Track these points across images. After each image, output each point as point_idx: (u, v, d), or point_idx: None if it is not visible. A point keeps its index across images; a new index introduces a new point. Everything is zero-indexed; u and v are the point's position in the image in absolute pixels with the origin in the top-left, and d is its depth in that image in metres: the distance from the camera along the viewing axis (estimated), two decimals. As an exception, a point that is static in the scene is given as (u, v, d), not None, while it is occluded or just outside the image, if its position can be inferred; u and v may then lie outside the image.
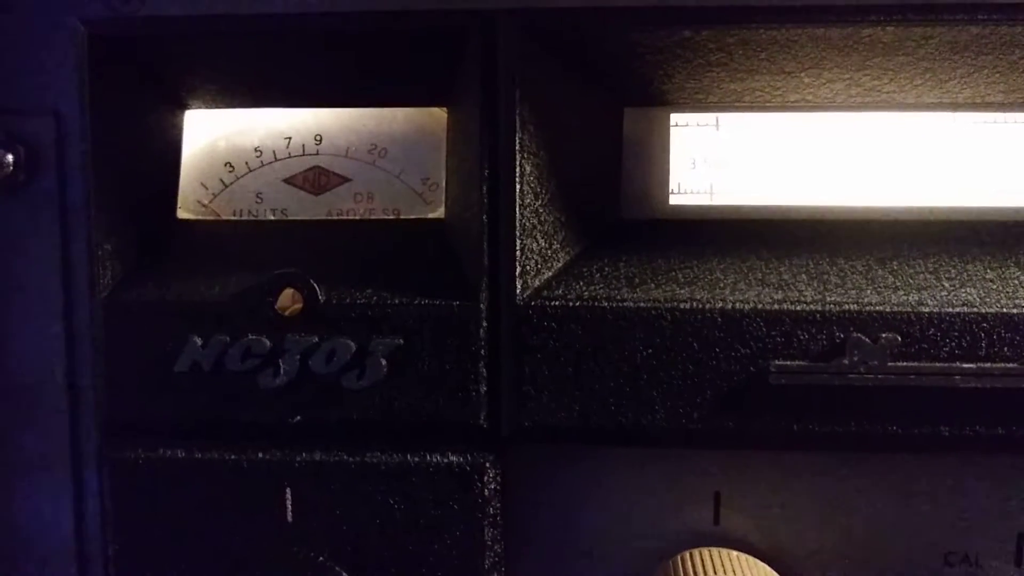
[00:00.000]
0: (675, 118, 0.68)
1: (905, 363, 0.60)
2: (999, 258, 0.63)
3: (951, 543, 0.64)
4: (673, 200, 0.68)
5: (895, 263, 0.63)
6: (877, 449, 0.62)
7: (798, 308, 0.61)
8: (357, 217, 0.70)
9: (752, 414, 0.61)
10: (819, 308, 0.61)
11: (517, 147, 0.62)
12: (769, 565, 0.64)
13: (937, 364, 0.60)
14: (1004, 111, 0.66)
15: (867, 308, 0.60)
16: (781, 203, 0.66)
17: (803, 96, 0.66)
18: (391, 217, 0.70)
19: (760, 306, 0.61)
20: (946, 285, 0.61)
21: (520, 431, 0.63)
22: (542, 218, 0.64)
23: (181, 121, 0.71)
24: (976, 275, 0.62)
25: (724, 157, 0.68)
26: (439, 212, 0.69)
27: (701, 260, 0.65)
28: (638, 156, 0.68)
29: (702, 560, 0.63)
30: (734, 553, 0.64)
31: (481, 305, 0.63)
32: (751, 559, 0.64)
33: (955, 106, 0.66)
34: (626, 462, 0.66)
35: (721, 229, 0.66)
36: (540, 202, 0.64)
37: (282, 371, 0.63)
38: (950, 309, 0.60)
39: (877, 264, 0.63)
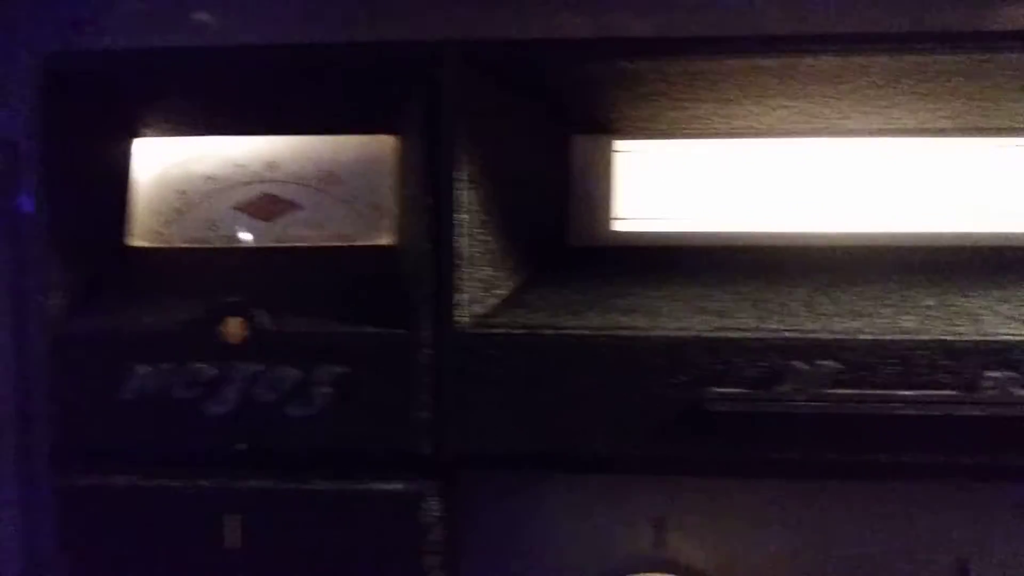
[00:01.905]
0: (619, 145, 0.68)
1: (843, 390, 0.60)
2: (938, 284, 0.63)
3: (891, 569, 0.64)
4: (618, 227, 0.68)
5: (835, 290, 0.63)
6: (816, 477, 0.62)
7: (737, 335, 0.61)
8: (308, 244, 0.71)
9: (692, 441, 0.61)
10: (758, 335, 0.61)
11: (460, 176, 0.63)
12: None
13: (875, 391, 0.60)
14: (947, 136, 0.66)
15: (806, 335, 0.61)
16: (724, 230, 0.67)
17: (747, 123, 0.66)
18: (342, 244, 0.70)
19: (699, 333, 0.61)
20: (885, 312, 0.61)
21: (464, 458, 0.63)
22: (487, 246, 0.64)
23: (132, 149, 0.72)
24: (915, 302, 0.62)
25: (668, 184, 0.68)
26: (390, 239, 0.69)
27: (643, 287, 0.65)
28: (584, 184, 0.68)
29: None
30: (673, 580, 0.64)
31: (424, 333, 0.63)
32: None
33: (898, 132, 0.66)
34: (571, 488, 0.66)
35: (664, 256, 0.67)
36: (485, 230, 0.64)
37: (227, 399, 0.64)
38: (888, 336, 0.60)
39: (817, 291, 0.63)
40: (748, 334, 0.61)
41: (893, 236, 0.65)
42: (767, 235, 0.66)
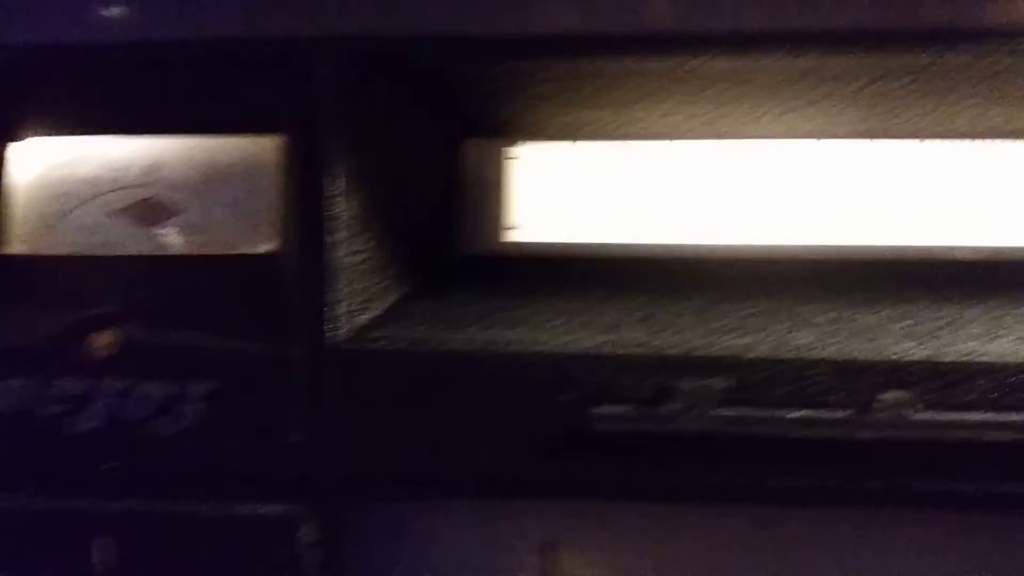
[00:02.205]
0: (511, 150, 0.65)
1: (732, 409, 0.57)
2: (835, 299, 0.60)
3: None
4: (510, 236, 0.65)
5: (729, 304, 0.61)
6: (704, 499, 0.60)
7: (624, 352, 0.58)
8: (187, 252, 0.67)
9: (577, 462, 0.59)
10: (646, 351, 0.58)
11: (337, 180, 0.60)
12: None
13: (766, 411, 0.57)
14: (847, 140, 0.63)
15: (696, 351, 0.58)
16: (619, 240, 0.64)
17: (641, 128, 0.64)
18: (222, 252, 0.67)
19: (586, 350, 0.58)
20: (779, 328, 0.59)
21: (342, 481, 0.61)
22: (367, 256, 0.61)
23: (5, 152, 0.68)
24: (810, 317, 0.59)
25: (563, 191, 0.65)
26: (271, 247, 0.66)
27: (532, 300, 0.62)
28: (475, 190, 0.66)
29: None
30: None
31: (298, 348, 0.60)
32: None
33: (796, 136, 0.64)
34: (457, 511, 0.63)
35: (557, 267, 0.64)
36: (365, 238, 0.61)
37: (93, 416, 0.61)
38: (781, 353, 0.57)
39: (711, 305, 0.61)
40: (637, 350, 0.58)
41: (791, 248, 0.63)
42: (662, 246, 0.64)
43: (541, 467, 0.59)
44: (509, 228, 0.65)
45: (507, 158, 0.65)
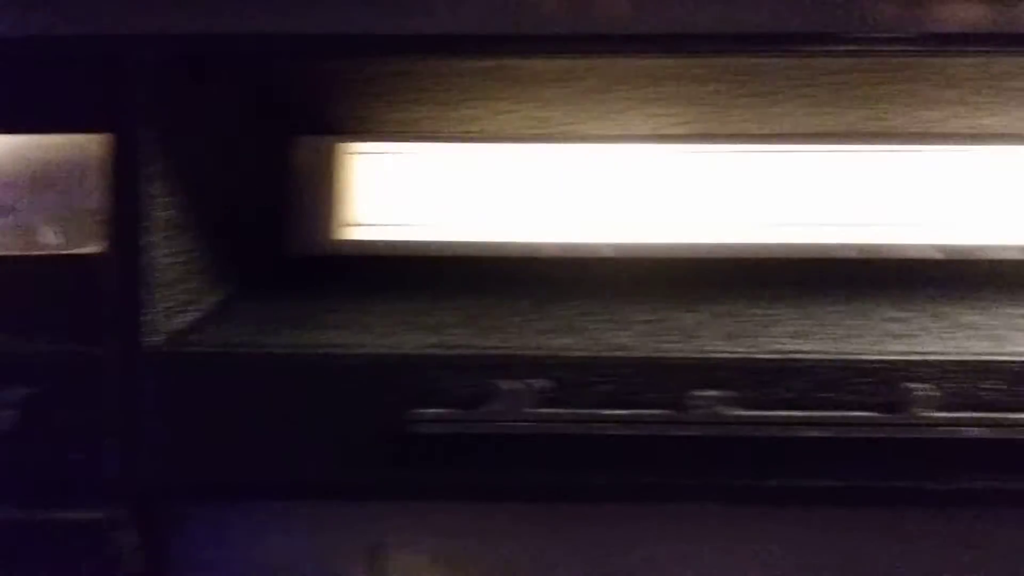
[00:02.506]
0: (342, 148, 0.65)
1: (552, 409, 0.57)
2: (653, 301, 0.61)
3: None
4: (342, 235, 0.65)
5: (553, 304, 0.61)
6: (529, 498, 0.60)
7: (445, 353, 0.58)
8: (16, 252, 0.66)
9: (399, 465, 0.58)
10: (467, 353, 0.58)
11: (152, 179, 0.59)
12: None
13: (585, 411, 0.57)
14: (678, 144, 0.64)
15: (516, 352, 0.58)
16: (449, 239, 0.64)
17: (475, 127, 0.63)
18: (45, 254, 0.65)
19: (407, 351, 0.58)
20: (599, 327, 0.59)
21: (161, 485, 0.60)
22: (188, 256, 0.60)
23: None
24: (630, 317, 0.60)
25: (397, 190, 0.65)
26: (94, 248, 0.65)
27: (358, 301, 0.62)
28: (304, 189, 0.65)
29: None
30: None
31: (113, 352, 0.59)
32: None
33: (634, 138, 0.64)
34: (281, 513, 0.62)
35: (386, 267, 0.64)
36: (186, 239, 0.60)
37: (-98, 423, 0.59)
38: (600, 353, 0.58)
39: (535, 305, 0.61)
40: (458, 351, 0.58)
41: (616, 247, 0.63)
42: (492, 244, 0.64)
43: (364, 470, 0.59)
44: (342, 227, 0.64)
45: (339, 156, 0.64)
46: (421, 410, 0.57)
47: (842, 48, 0.54)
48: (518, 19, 0.58)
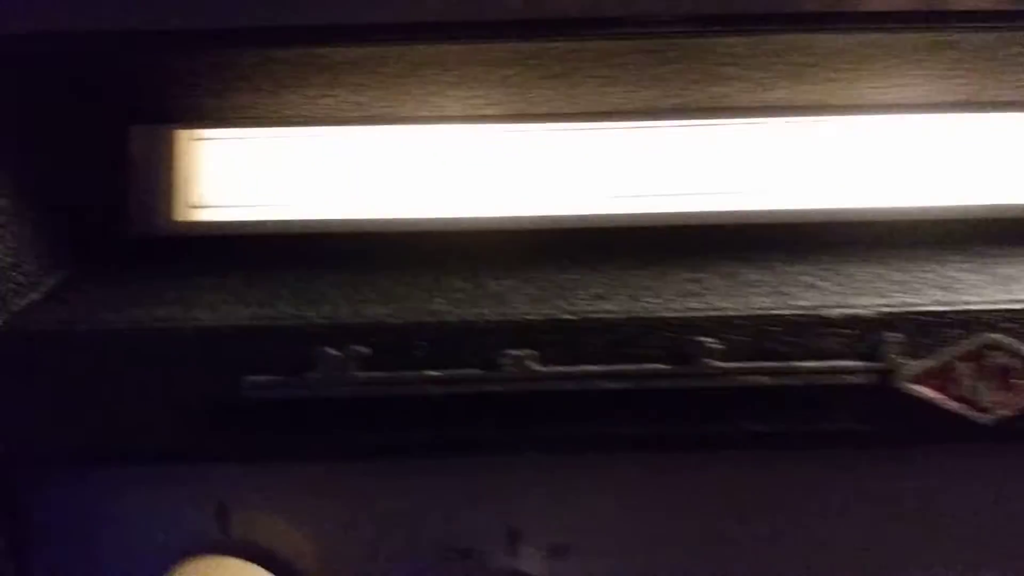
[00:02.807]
0: (182, 135, 0.68)
1: (372, 373, 0.62)
2: (470, 269, 0.65)
3: (452, 540, 0.67)
4: (179, 217, 0.68)
5: (375, 276, 0.65)
6: (357, 456, 0.64)
7: (272, 324, 0.62)
8: None
9: (236, 428, 0.62)
10: (293, 323, 0.62)
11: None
12: (277, 570, 0.66)
13: (404, 373, 0.62)
14: (491, 123, 0.68)
15: (338, 321, 0.62)
16: (280, 218, 0.68)
17: (300, 113, 0.67)
18: None
19: (235, 323, 0.62)
20: (417, 296, 0.64)
21: (15, 457, 0.63)
22: (23, 241, 0.63)
23: None
24: (448, 285, 0.64)
25: (239, 173, 0.69)
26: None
27: (194, 278, 0.65)
28: (146, 172, 0.68)
29: (196, 568, 0.64)
30: (231, 560, 0.65)
31: (-46, 332, 0.62)
32: (250, 565, 0.65)
33: (447, 119, 0.68)
34: (136, 479, 0.66)
35: (223, 246, 0.67)
36: (20, 225, 0.63)
37: None
38: (416, 319, 0.62)
39: (357, 277, 0.65)
40: (284, 322, 0.62)
41: (433, 222, 0.67)
42: (317, 223, 0.68)
43: (205, 434, 0.63)
44: (180, 209, 0.68)
45: (175, 143, 0.68)
46: (252, 377, 0.62)
47: (626, 31, 0.59)
48: (331, 9, 0.62)
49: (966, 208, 0.65)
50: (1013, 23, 0.60)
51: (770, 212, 0.65)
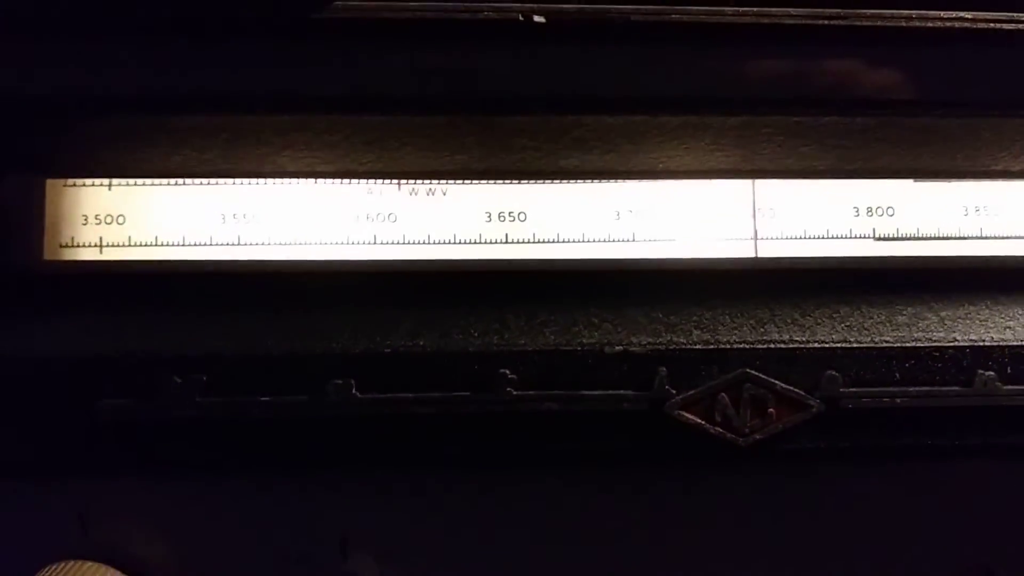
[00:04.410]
0: (57, 182, 0.76)
1: (210, 399, 0.70)
2: (302, 307, 0.75)
3: (290, 546, 0.76)
4: (51, 256, 0.76)
5: (214, 313, 0.74)
6: (203, 471, 0.73)
7: (125, 353, 0.71)
8: None
9: (95, 446, 0.71)
10: (143, 353, 0.71)
11: None
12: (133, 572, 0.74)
13: (240, 399, 0.71)
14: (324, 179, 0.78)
15: (182, 352, 0.71)
16: (137, 258, 0.76)
17: (152, 168, 0.76)
18: None
19: (94, 352, 0.71)
20: (248, 331, 0.73)
21: None
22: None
23: None
24: (279, 323, 0.73)
25: (99, 217, 0.77)
26: None
27: (59, 312, 0.73)
28: (19, 215, 0.76)
29: (58, 571, 0.72)
30: (90, 564, 0.73)
31: None
32: (108, 568, 0.73)
33: (285, 174, 0.77)
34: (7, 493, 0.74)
35: (87, 283, 0.75)
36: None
37: None
38: (251, 352, 0.71)
39: (200, 314, 0.73)
40: (135, 353, 0.71)
41: (269, 263, 0.75)
42: (169, 263, 0.76)
43: (66, 453, 0.71)
44: (53, 249, 0.76)
45: (50, 189, 0.76)
46: (106, 400, 0.70)
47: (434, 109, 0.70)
48: (177, 80, 0.71)
49: (732, 260, 0.76)
50: (757, 109, 0.72)
51: (563, 260, 0.75)
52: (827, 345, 0.73)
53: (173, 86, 0.71)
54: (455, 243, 0.76)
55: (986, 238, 0.79)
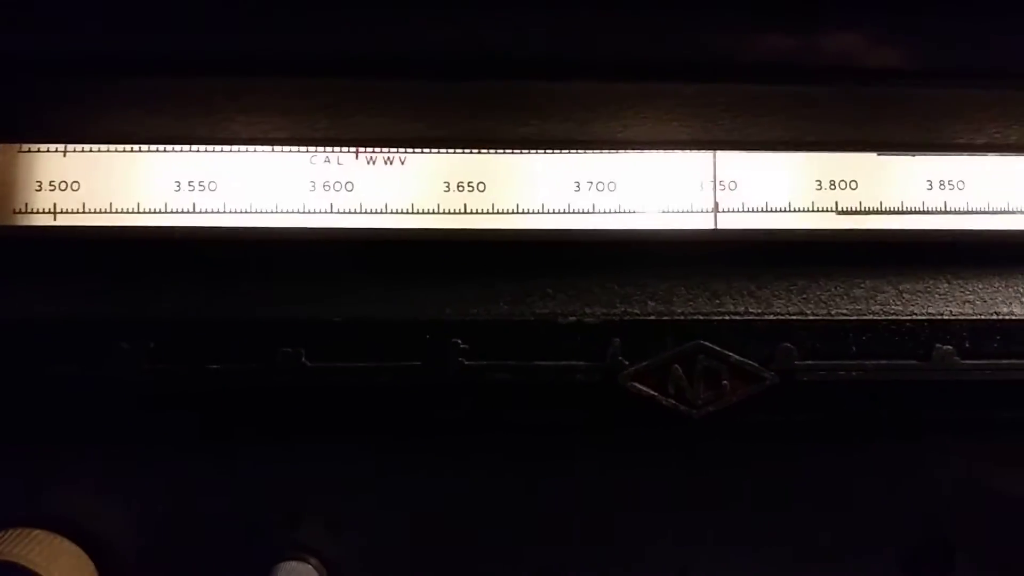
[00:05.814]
0: (11, 147, 0.75)
1: (159, 365, 0.70)
2: (252, 276, 0.74)
3: (240, 516, 0.75)
4: (5, 221, 0.75)
5: (172, 278, 0.73)
6: (156, 439, 0.73)
7: (75, 319, 0.70)
8: None
9: (45, 414, 0.71)
10: (92, 319, 0.70)
11: None
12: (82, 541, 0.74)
13: (187, 366, 0.70)
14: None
15: (132, 318, 0.71)
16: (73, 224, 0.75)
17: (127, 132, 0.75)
18: None
19: (44, 318, 0.70)
20: (196, 297, 0.72)
21: None
22: None
23: None
24: (233, 289, 0.73)
25: (58, 183, 0.76)
26: None
27: (13, 278, 0.73)
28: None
29: (6, 538, 0.72)
30: (39, 531, 0.73)
31: None
32: (56, 536, 0.73)
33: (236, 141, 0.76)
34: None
35: (45, 249, 0.74)
36: None
37: None
38: (199, 316, 0.71)
39: (152, 281, 0.73)
40: (85, 318, 0.70)
41: (225, 230, 0.74)
42: (130, 229, 0.74)
43: (14, 419, 0.71)
44: (7, 215, 0.75)
45: (4, 154, 0.75)
46: (54, 366, 0.70)
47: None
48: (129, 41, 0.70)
49: (689, 232, 0.75)
50: (714, 77, 0.71)
51: (517, 231, 0.74)
52: (782, 317, 0.73)
53: (126, 48, 0.70)
54: (413, 212, 0.75)
55: (950, 212, 0.78)
